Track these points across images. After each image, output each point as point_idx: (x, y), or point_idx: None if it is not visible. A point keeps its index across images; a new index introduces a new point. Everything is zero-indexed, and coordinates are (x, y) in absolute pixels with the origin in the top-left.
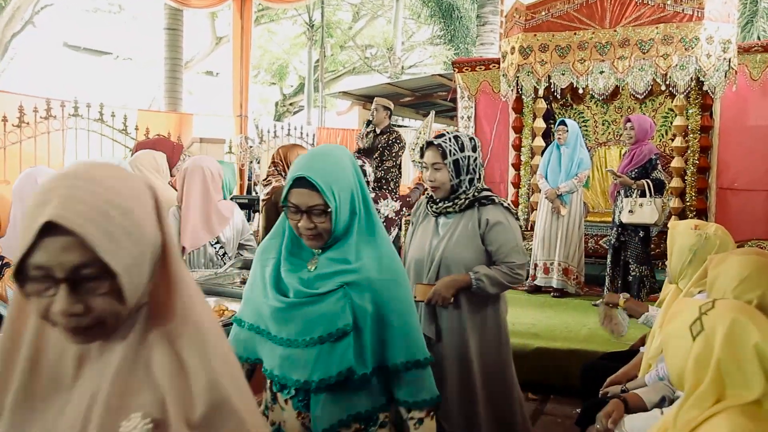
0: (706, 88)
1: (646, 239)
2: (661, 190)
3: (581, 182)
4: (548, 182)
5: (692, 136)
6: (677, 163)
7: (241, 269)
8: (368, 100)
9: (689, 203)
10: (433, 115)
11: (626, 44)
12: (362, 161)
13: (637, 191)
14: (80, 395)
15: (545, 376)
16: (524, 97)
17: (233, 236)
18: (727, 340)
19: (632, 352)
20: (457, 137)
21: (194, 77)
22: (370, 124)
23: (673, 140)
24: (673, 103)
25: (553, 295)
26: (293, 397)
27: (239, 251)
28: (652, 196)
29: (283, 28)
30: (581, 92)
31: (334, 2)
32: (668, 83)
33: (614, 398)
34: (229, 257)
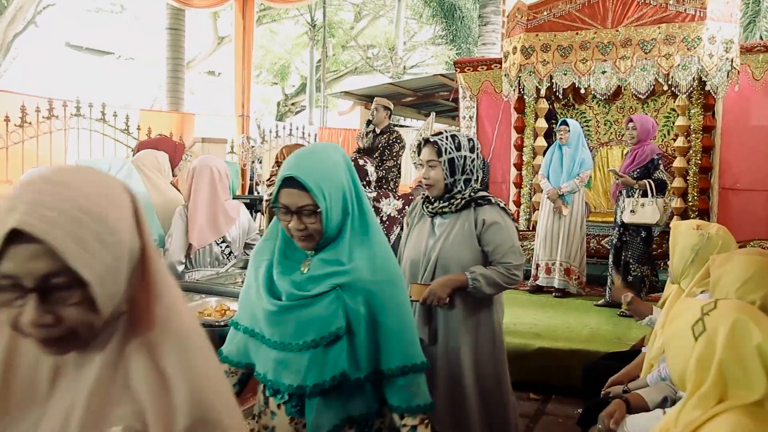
0: (708, 88)
1: (647, 239)
2: (663, 190)
3: (583, 182)
4: (550, 182)
5: (694, 136)
6: (679, 163)
7: (243, 269)
8: (370, 100)
9: (691, 203)
10: (433, 116)
11: (628, 44)
12: (364, 161)
13: (639, 191)
14: (56, 408)
15: (547, 376)
16: (526, 97)
17: (239, 236)
18: (729, 340)
19: (634, 352)
20: (454, 136)
21: (196, 77)
22: (370, 123)
23: (675, 140)
24: (675, 103)
25: (554, 295)
26: (286, 402)
27: (245, 251)
28: (654, 196)
29: (284, 27)
30: (583, 92)
31: (335, 2)
32: (670, 83)
33: (616, 398)
34: (234, 256)
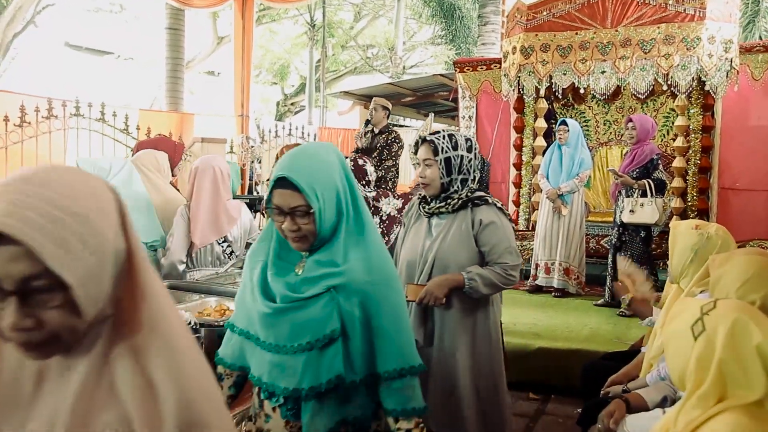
0: (707, 88)
1: (647, 239)
2: (662, 190)
3: (582, 182)
4: (549, 182)
5: (694, 136)
6: (679, 163)
7: (242, 269)
8: (369, 100)
9: (691, 203)
10: (432, 116)
11: (628, 44)
12: (363, 160)
13: (638, 191)
14: (40, 414)
15: (546, 376)
16: (525, 96)
17: (241, 235)
18: (728, 340)
19: (633, 352)
20: (451, 135)
21: (195, 77)
22: (368, 123)
23: (674, 140)
24: (674, 103)
25: (554, 294)
26: (282, 405)
27: (247, 250)
28: (653, 195)
29: (284, 27)
30: (582, 92)
31: (335, 2)
32: (670, 83)
33: (616, 398)
34: (236, 256)
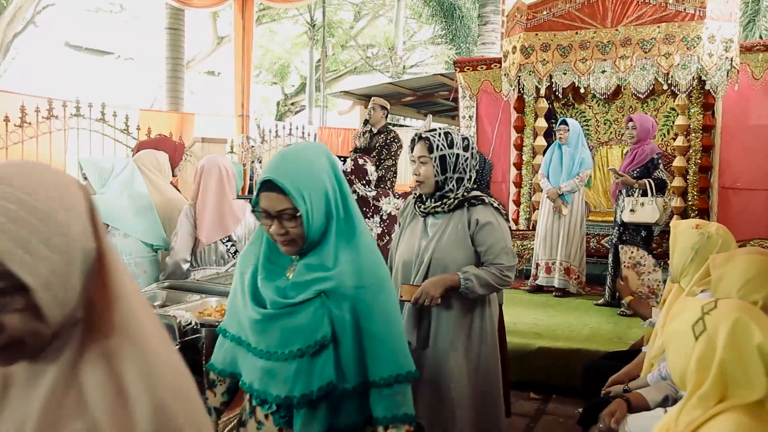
0: (707, 87)
1: (647, 238)
2: (662, 189)
3: (583, 182)
4: (550, 182)
5: (694, 135)
6: (679, 162)
7: None
8: (369, 99)
9: (691, 202)
10: (431, 118)
11: (628, 43)
12: (364, 160)
13: (638, 190)
14: (6, 423)
15: (547, 375)
16: (526, 96)
17: (245, 235)
18: (729, 340)
19: (634, 351)
20: (447, 133)
21: (196, 77)
22: (367, 123)
23: (674, 139)
24: (674, 102)
25: (554, 294)
26: (275, 412)
27: None
28: (653, 195)
29: (284, 27)
30: (583, 91)
31: (335, 2)
32: (670, 82)
33: (617, 398)
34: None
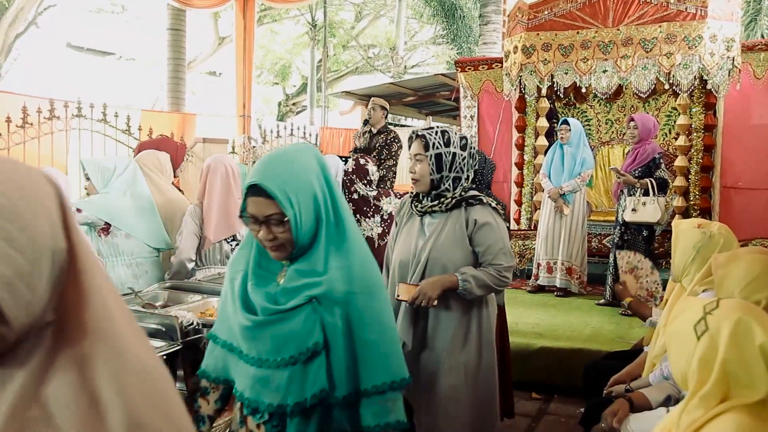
0: (709, 86)
1: (649, 238)
2: (664, 188)
3: (584, 181)
4: (551, 181)
5: (696, 134)
6: (681, 161)
7: None
8: (371, 99)
9: (693, 202)
10: (431, 120)
11: (629, 43)
12: (365, 160)
13: (640, 190)
14: None
15: (549, 375)
16: (527, 96)
17: None
18: (732, 340)
19: (635, 351)
20: (444, 132)
21: (197, 77)
22: (367, 123)
23: (676, 139)
24: (676, 101)
25: (556, 294)
26: (267, 422)
27: None
28: (655, 194)
29: (285, 27)
30: (584, 91)
31: (336, 2)
32: (671, 82)
33: (619, 397)
34: None
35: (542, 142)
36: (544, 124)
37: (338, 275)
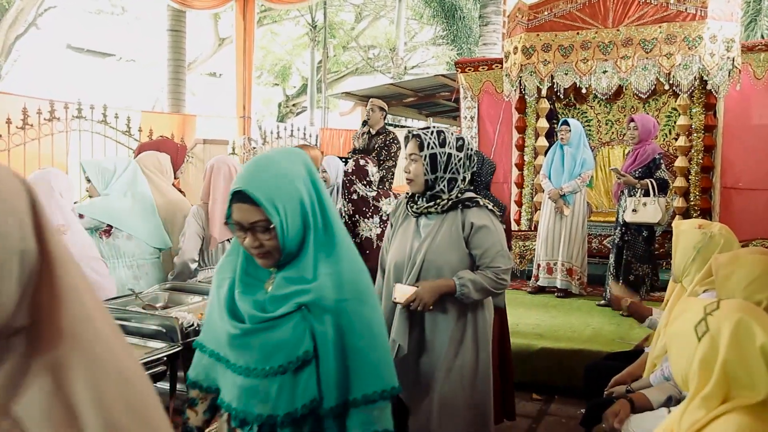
0: (709, 87)
1: (649, 239)
2: (664, 189)
3: (584, 182)
4: (551, 182)
5: (696, 135)
6: (681, 162)
7: None
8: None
9: (693, 202)
10: (430, 121)
11: (629, 44)
12: (365, 161)
13: (640, 190)
14: None
15: (549, 376)
16: (527, 97)
17: None
18: (732, 340)
19: (636, 352)
20: (440, 132)
21: (197, 78)
22: (365, 124)
23: (676, 139)
24: (676, 102)
25: (556, 295)
26: None
27: None
28: (655, 195)
29: (285, 29)
30: (584, 92)
31: (336, 3)
32: (671, 82)
33: (620, 398)
34: None
35: (542, 142)
36: (544, 124)
37: (328, 282)
